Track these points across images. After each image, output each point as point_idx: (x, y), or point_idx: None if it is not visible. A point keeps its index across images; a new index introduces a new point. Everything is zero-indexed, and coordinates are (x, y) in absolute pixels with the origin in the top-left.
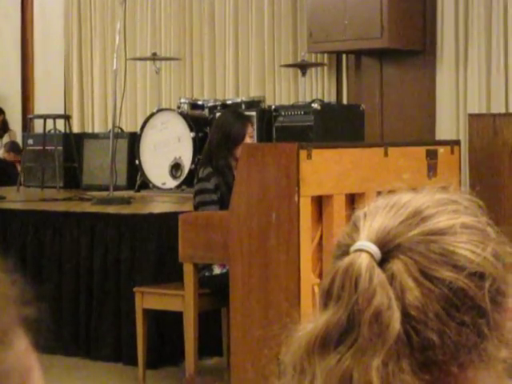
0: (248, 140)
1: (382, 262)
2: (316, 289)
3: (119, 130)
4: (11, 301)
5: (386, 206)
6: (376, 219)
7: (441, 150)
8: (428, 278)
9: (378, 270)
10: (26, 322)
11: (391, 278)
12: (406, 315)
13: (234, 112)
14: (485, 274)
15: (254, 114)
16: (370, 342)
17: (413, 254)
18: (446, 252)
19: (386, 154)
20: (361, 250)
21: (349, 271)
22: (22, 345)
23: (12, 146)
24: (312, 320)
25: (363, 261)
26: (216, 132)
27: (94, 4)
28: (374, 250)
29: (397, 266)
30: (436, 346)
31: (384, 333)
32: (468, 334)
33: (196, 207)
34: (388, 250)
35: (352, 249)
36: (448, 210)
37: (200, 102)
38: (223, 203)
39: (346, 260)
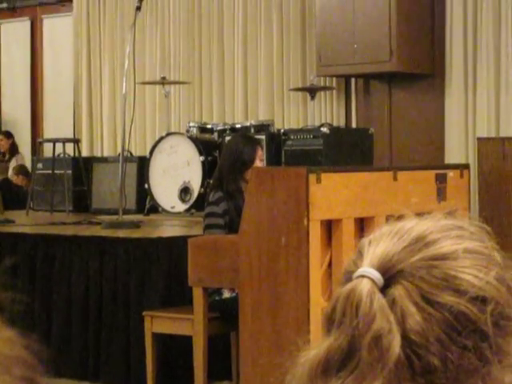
0: (258, 163)
1: (384, 288)
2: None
3: (128, 154)
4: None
5: (390, 233)
6: (379, 245)
7: (450, 173)
8: (429, 302)
9: (378, 295)
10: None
11: (392, 303)
12: (407, 340)
13: (243, 136)
14: (487, 298)
15: (263, 137)
16: (370, 367)
17: (414, 279)
18: (447, 276)
19: (395, 178)
20: (363, 276)
21: (350, 297)
22: None
23: (21, 170)
24: (315, 346)
25: (364, 286)
26: (226, 156)
27: (103, 28)
28: (376, 275)
29: (398, 291)
30: (438, 370)
31: (384, 357)
32: (470, 357)
33: (204, 230)
34: (390, 276)
35: (355, 275)
36: (452, 236)
37: (209, 126)
38: (233, 227)
39: (348, 286)
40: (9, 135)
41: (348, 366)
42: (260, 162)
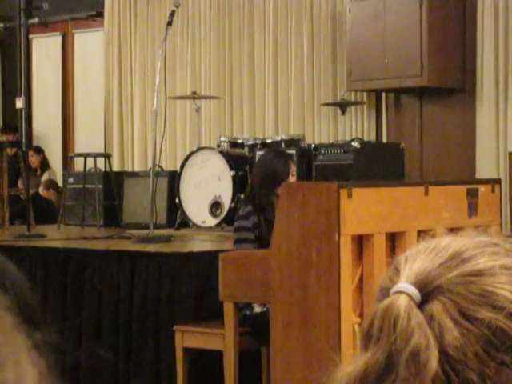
0: (291, 178)
1: (422, 304)
2: (356, 328)
3: (159, 169)
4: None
5: (426, 249)
6: (416, 262)
7: (481, 188)
8: (467, 318)
9: (416, 311)
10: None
11: (430, 319)
12: (444, 355)
13: (276, 151)
14: None
15: (293, 152)
16: (407, 383)
17: (452, 295)
18: (484, 292)
19: (426, 193)
20: (400, 292)
21: (388, 312)
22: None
23: (51, 184)
24: (352, 361)
25: (402, 302)
26: (259, 171)
27: (134, 43)
28: (413, 291)
29: (436, 307)
30: None
31: (422, 373)
32: (508, 373)
33: (234, 244)
34: (427, 292)
35: (392, 291)
36: (488, 252)
37: (240, 141)
38: (263, 242)
39: (386, 302)
40: (39, 151)
41: (385, 382)
42: (292, 177)
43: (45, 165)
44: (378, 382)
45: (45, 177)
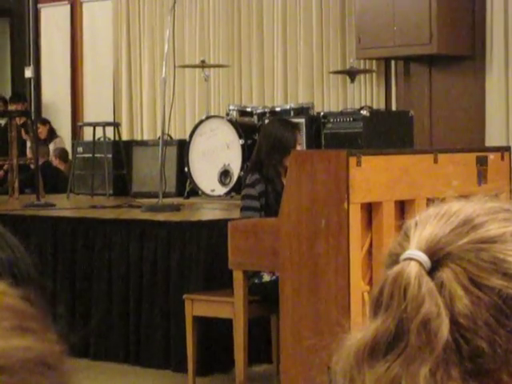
0: (297, 147)
1: (432, 271)
2: (366, 296)
3: (168, 138)
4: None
5: (436, 215)
6: (426, 228)
7: (491, 156)
8: (478, 286)
9: (426, 278)
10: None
11: (440, 287)
12: (455, 323)
13: (281, 120)
14: None
15: (302, 120)
16: (418, 351)
17: (462, 262)
18: (496, 260)
19: (435, 161)
20: (410, 259)
21: (398, 280)
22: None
23: (61, 153)
24: (362, 329)
25: (412, 269)
26: (265, 140)
27: (142, 12)
28: (424, 258)
29: (446, 274)
30: (486, 354)
31: (432, 341)
32: None
33: (240, 212)
34: (438, 259)
35: (402, 257)
36: (499, 219)
37: (249, 109)
38: (270, 210)
39: (396, 269)
40: (44, 122)
41: (395, 350)
42: (299, 146)
43: (52, 134)
44: (388, 350)
45: (52, 145)
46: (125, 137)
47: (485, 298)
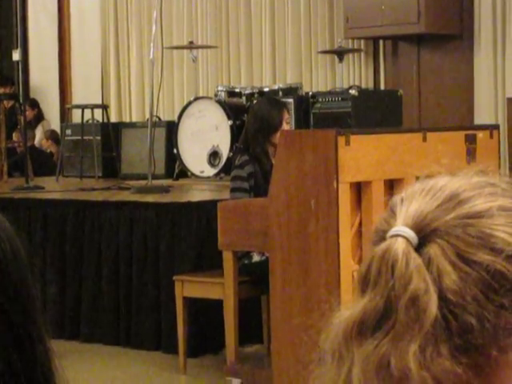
0: (285, 126)
1: (419, 247)
2: (356, 275)
3: (157, 119)
4: None
5: (422, 191)
6: (412, 204)
7: (480, 134)
8: (465, 261)
9: (414, 255)
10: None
11: (428, 263)
12: (443, 299)
13: (269, 99)
14: None
15: (291, 100)
16: (406, 328)
17: (449, 237)
18: (483, 235)
19: (424, 139)
20: (397, 235)
21: (385, 257)
22: None
23: (51, 135)
24: (350, 307)
25: (399, 246)
26: (252, 119)
27: None
28: (411, 234)
29: (433, 250)
30: (475, 329)
31: (421, 318)
32: (507, 316)
33: (230, 193)
34: (424, 235)
35: (388, 234)
36: (485, 193)
37: (237, 90)
38: (259, 191)
39: (383, 245)
40: (33, 105)
41: (384, 327)
42: (287, 125)
43: (39, 118)
44: (376, 327)
45: (40, 128)
46: (113, 119)
47: (473, 273)
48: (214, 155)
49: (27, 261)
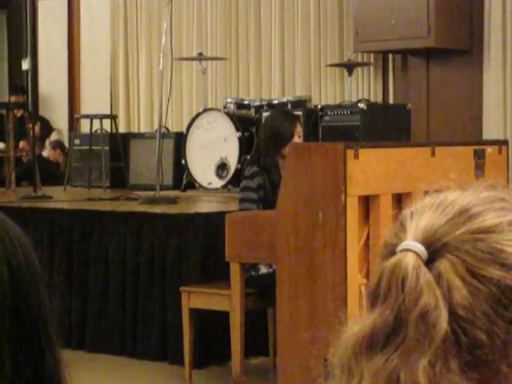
0: (297, 139)
1: (429, 262)
2: (363, 289)
3: (165, 130)
4: None
5: (432, 205)
6: (422, 218)
7: (488, 149)
8: (475, 276)
9: (424, 270)
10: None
11: (438, 278)
12: (453, 315)
13: (282, 111)
14: None
15: (300, 113)
16: (416, 343)
17: (460, 252)
18: (493, 250)
19: (433, 154)
20: (407, 250)
21: (395, 271)
22: None
23: (57, 144)
24: (359, 321)
25: (410, 260)
26: (265, 131)
27: (140, 4)
28: (421, 249)
29: (444, 265)
30: (485, 345)
31: (431, 333)
32: None
33: (238, 204)
34: (435, 250)
35: (398, 248)
36: (495, 208)
37: (246, 102)
38: (267, 202)
39: (393, 260)
40: (35, 119)
41: (393, 342)
42: (298, 138)
43: (48, 130)
44: (386, 342)
45: (52, 137)
46: (122, 129)
47: (483, 288)
48: (222, 167)
49: (40, 270)
